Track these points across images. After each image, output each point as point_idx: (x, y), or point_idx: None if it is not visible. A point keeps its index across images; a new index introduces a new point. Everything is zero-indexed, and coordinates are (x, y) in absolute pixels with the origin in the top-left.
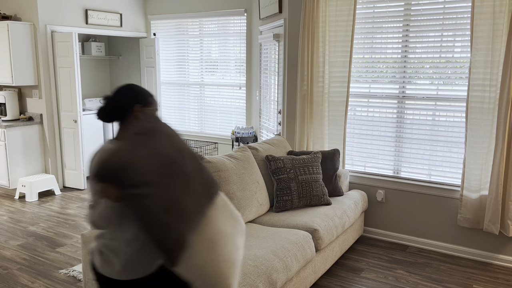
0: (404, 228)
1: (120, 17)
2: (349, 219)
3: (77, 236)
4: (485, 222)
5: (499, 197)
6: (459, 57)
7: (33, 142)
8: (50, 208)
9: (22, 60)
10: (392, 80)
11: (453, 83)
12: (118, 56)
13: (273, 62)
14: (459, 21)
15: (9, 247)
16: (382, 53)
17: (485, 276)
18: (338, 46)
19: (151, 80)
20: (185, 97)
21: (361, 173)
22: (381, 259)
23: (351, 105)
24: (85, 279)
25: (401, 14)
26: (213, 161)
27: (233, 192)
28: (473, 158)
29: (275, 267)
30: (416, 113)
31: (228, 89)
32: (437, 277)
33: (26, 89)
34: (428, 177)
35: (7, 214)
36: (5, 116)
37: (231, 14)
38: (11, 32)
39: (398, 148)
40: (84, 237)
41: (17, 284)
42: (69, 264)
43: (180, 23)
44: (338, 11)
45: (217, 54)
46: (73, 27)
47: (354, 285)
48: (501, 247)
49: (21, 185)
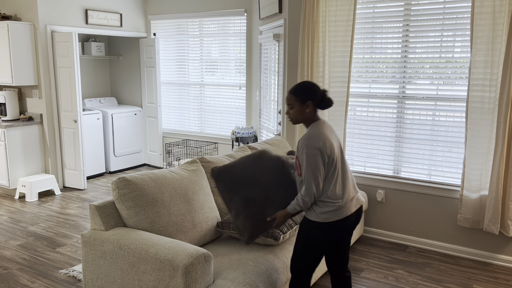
0: (404, 228)
1: (120, 17)
2: None
3: (77, 236)
4: (485, 222)
5: (499, 197)
6: (459, 57)
7: (33, 142)
8: (50, 208)
9: (22, 60)
10: (392, 80)
11: (453, 83)
12: (118, 56)
13: (273, 62)
14: (459, 21)
15: (9, 247)
16: (382, 53)
17: (485, 276)
18: (338, 46)
19: (151, 80)
20: (185, 97)
21: (361, 173)
22: (381, 259)
23: (351, 105)
24: (85, 279)
25: (401, 14)
26: (213, 161)
27: None
28: (473, 158)
29: (275, 267)
30: (416, 113)
31: (228, 89)
32: (437, 277)
33: (26, 89)
34: (428, 177)
35: (7, 214)
36: (5, 116)
37: (231, 14)
38: (11, 32)
39: (398, 148)
40: (84, 237)
41: (17, 284)
42: (69, 264)
43: (180, 23)
44: (338, 11)
45: (217, 54)
46: (73, 27)
47: (354, 285)
48: (501, 247)
49: (21, 185)
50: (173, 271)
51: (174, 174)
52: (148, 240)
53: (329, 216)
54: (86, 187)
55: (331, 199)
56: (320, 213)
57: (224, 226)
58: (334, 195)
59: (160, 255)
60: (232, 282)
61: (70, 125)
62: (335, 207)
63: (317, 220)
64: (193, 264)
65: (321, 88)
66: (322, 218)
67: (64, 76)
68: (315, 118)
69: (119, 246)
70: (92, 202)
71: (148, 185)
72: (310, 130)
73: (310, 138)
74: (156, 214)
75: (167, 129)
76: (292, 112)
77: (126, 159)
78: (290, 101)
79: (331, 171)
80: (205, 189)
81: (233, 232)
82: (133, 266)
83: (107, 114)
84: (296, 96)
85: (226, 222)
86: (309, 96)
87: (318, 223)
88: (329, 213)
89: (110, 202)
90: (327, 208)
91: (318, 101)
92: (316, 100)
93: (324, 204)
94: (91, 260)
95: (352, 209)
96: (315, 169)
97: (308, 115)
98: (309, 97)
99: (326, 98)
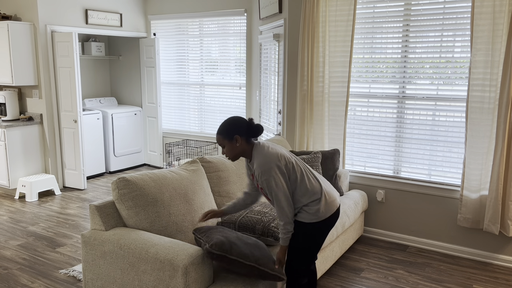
0: (404, 228)
1: (120, 17)
2: (349, 219)
3: (77, 236)
4: (485, 222)
5: (499, 197)
6: (459, 57)
7: (33, 142)
8: (50, 208)
9: (22, 60)
10: (392, 80)
11: (453, 83)
12: (118, 56)
13: (273, 62)
14: (459, 21)
15: (9, 247)
16: (382, 53)
17: (485, 276)
18: (338, 46)
19: (151, 80)
20: (185, 97)
21: (361, 173)
22: (381, 259)
23: (351, 105)
24: (85, 279)
25: (401, 14)
26: (213, 161)
27: (233, 192)
28: (473, 158)
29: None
30: (416, 113)
31: (228, 89)
32: (437, 277)
33: (26, 89)
34: (428, 177)
35: (7, 214)
36: (5, 116)
37: (231, 14)
38: (11, 32)
39: (398, 148)
40: (84, 237)
41: (17, 284)
42: (69, 264)
43: (180, 23)
44: (338, 11)
45: (217, 54)
46: (73, 27)
47: (354, 285)
48: (501, 247)
49: (21, 185)
50: (173, 271)
51: (174, 174)
52: (148, 240)
53: (324, 213)
54: (86, 187)
55: (314, 197)
56: (314, 213)
57: (224, 226)
58: (313, 190)
59: (160, 255)
60: (232, 282)
61: (70, 125)
62: (323, 202)
63: (313, 221)
64: (193, 264)
65: (246, 119)
66: (318, 216)
67: (64, 76)
68: (251, 146)
69: (119, 246)
70: (92, 202)
71: (148, 185)
72: (255, 159)
73: (261, 165)
74: (156, 214)
75: (167, 129)
76: (226, 151)
77: (126, 159)
78: (220, 142)
79: (299, 173)
80: (205, 189)
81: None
82: (133, 266)
83: (107, 114)
84: (222, 135)
85: (226, 222)
86: (234, 131)
87: (314, 223)
88: (322, 208)
89: (110, 202)
90: (316, 206)
91: (244, 132)
92: (242, 132)
93: (312, 204)
94: (91, 260)
95: (338, 202)
96: (279, 189)
97: (240, 148)
98: (235, 132)
99: (252, 126)
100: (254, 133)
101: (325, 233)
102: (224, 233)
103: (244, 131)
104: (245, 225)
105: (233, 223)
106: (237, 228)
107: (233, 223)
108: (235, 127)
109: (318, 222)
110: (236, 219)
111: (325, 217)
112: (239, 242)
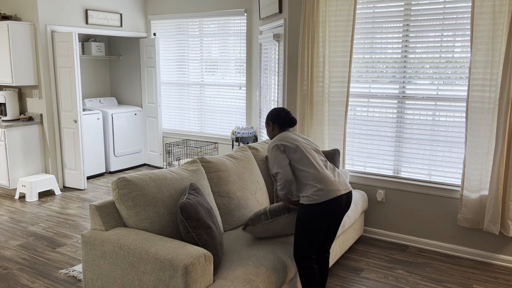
0: (404, 228)
1: (120, 17)
2: (349, 219)
3: (77, 236)
4: (485, 222)
5: (499, 197)
6: (459, 57)
7: (33, 142)
8: (50, 208)
9: (22, 60)
10: (392, 80)
11: (453, 83)
12: (118, 56)
13: (273, 62)
14: (459, 21)
15: (9, 247)
16: (382, 53)
17: (485, 276)
18: (338, 46)
19: (151, 80)
20: (185, 97)
21: (361, 173)
22: (381, 259)
23: (351, 105)
24: (85, 279)
25: (401, 14)
26: (213, 161)
27: (233, 192)
28: (473, 158)
29: (276, 267)
30: (416, 113)
31: (228, 89)
32: (437, 277)
33: (26, 89)
34: (428, 177)
35: (7, 214)
36: (5, 116)
37: (231, 14)
38: (11, 32)
39: (398, 148)
40: (84, 237)
41: (17, 284)
42: (69, 264)
43: (180, 23)
44: (338, 11)
45: (217, 54)
46: (73, 27)
47: (354, 285)
48: (501, 247)
49: (21, 185)
50: (173, 271)
51: (174, 174)
52: (148, 240)
53: (320, 197)
54: (86, 187)
55: (314, 180)
56: (311, 195)
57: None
58: (314, 176)
59: (160, 255)
60: (232, 282)
61: (70, 125)
62: (321, 186)
63: (310, 202)
64: (193, 264)
65: (286, 111)
66: (314, 199)
67: (64, 76)
68: (280, 132)
69: (119, 246)
70: (92, 202)
71: (148, 185)
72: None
73: (272, 142)
74: (156, 214)
75: (167, 129)
76: (266, 132)
77: (126, 159)
78: (265, 125)
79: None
80: (204, 189)
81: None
82: (133, 266)
83: (107, 114)
84: (265, 120)
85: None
86: (270, 118)
87: (311, 205)
88: (318, 192)
89: (110, 202)
90: (313, 188)
91: (277, 120)
92: (276, 120)
93: (310, 186)
94: (91, 260)
95: (342, 191)
96: (276, 158)
97: (273, 132)
98: (270, 119)
99: (285, 117)
100: (286, 122)
101: (321, 218)
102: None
103: (278, 120)
104: (274, 211)
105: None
106: (269, 215)
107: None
108: (271, 115)
109: (314, 204)
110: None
111: (321, 201)
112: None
